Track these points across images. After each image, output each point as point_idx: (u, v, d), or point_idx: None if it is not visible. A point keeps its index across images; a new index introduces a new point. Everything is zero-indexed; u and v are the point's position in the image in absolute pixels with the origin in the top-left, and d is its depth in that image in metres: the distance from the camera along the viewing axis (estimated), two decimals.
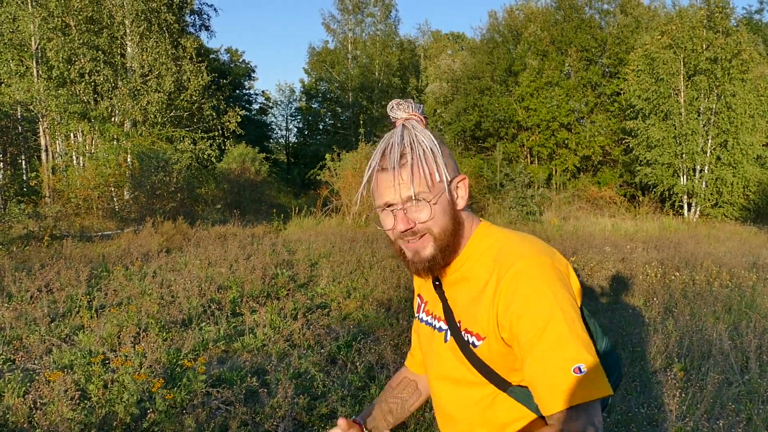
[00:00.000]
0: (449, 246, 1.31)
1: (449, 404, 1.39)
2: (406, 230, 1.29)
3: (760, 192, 21.79)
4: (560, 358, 1.14)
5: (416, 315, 1.54)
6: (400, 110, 1.32)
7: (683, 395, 3.99)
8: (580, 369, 1.14)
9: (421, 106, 1.34)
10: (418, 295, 1.55)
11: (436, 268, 1.33)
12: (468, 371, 1.31)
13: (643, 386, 4.41)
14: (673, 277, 8.25)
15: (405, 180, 1.26)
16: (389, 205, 1.29)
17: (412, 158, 1.27)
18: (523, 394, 1.27)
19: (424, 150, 1.27)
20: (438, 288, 1.40)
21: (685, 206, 21.91)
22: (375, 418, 1.64)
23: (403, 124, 1.31)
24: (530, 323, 1.17)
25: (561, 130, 27.56)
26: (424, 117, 1.33)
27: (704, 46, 20.80)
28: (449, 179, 1.30)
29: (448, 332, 1.35)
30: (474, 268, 1.32)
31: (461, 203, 1.32)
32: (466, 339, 1.30)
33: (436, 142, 1.29)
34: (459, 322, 1.32)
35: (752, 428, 3.68)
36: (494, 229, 1.37)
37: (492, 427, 1.32)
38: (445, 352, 1.36)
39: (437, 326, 1.41)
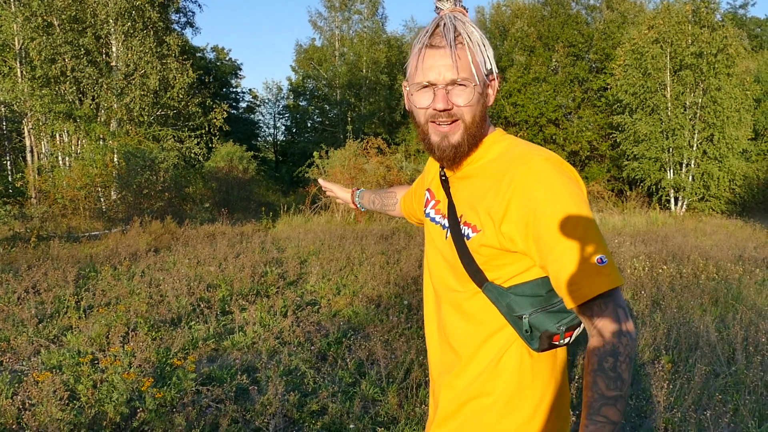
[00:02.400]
0: (475, 136, 1.35)
1: (442, 298, 1.44)
2: (444, 110, 1.31)
3: (745, 186, 22.02)
4: (584, 252, 1.19)
5: (425, 209, 1.57)
6: (447, 2, 1.33)
7: (671, 387, 4.02)
8: (602, 260, 1.19)
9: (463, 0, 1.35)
10: (428, 189, 1.59)
11: (460, 155, 1.36)
12: (458, 266, 1.36)
13: (632, 378, 4.45)
14: (660, 271, 8.31)
15: (458, 60, 1.28)
16: (432, 84, 1.31)
17: (469, 42, 1.29)
18: (496, 292, 1.31)
19: (479, 38, 1.30)
20: (444, 183, 1.45)
21: (672, 200, 22.07)
22: (363, 197, 2.11)
23: (453, 14, 1.31)
24: (550, 220, 1.21)
25: (549, 125, 27.67)
26: (466, 10, 1.35)
27: (690, 40, 20.94)
28: (490, 73, 1.34)
29: (449, 229, 1.40)
30: (485, 167, 1.35)
31: (491, 100, 1.36)
32: (462, 231, 1.35)
33: (484, 37, 1.32)
34: (461, 216, 1.37)
35: (738, 419, 3.72)
36: (508, 135, 1.41)
37: (465, 316, 1.37)
38: (446, 248, 1.41)
39: (442, 223, 1.45)
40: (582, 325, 1.32)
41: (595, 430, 1.14)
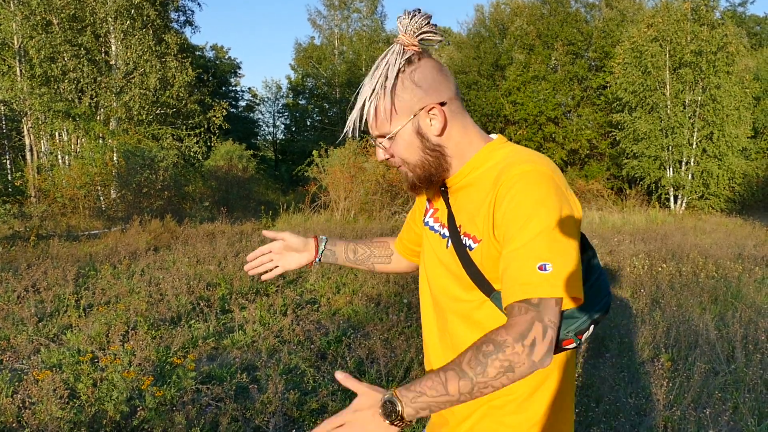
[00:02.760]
0: (430, 173, 1.37)
1: (444, 307, 1.42)
2: (383, 161, 1.39)
3: (745, 184, 22.04)
4: (529, 254, 1.17)
5: (424, 218, 1.57)
6: (400, 26, 1.32)
7: (670, 385, 4.03)
8: (545, 267, 1.16)
9: (421, 17, 1.31)
10: (428, 200, 1.58)
11: (419, 190, 1.41)
12: (462, 276, 1.34)
13: (631, 377, 4.45)
14: (660, 269, 8.31)
15: (369, 119, 1.34)
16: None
17: (372, 100, 1.32)
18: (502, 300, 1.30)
19: (380, 88, 1.30)
20: (444, 194, 1.45)
21: (672, 198, 22.08)
22: (337, 244, 1.77)
23: (387, 52, 1.32)
24: (513, 219, 1.20)
25: (548, 124, 27.68)
26: (424, 31, 1.30)
27: (689, 38, 20.94)
28: (412, 113, 1.31)
29: (450, 239, 1.39)
30: (480, 177, 1.35)
31: (434, 132, 1.33)
32: (464, 242, 1.34)
33: (393, 76, 1.29)
34: (460, 226, 1.36)
35: (738, 416, 3.73)
36: (507, 144, 1.40)
37: (474, 325, 1.35)
38: (447, 258, 1.40)
39: (442, 233, 1.44)
40: (592, 328, 1.31)
41: (431, 382, 1.15)
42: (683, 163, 21.67)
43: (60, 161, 17.04)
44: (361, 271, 7.91)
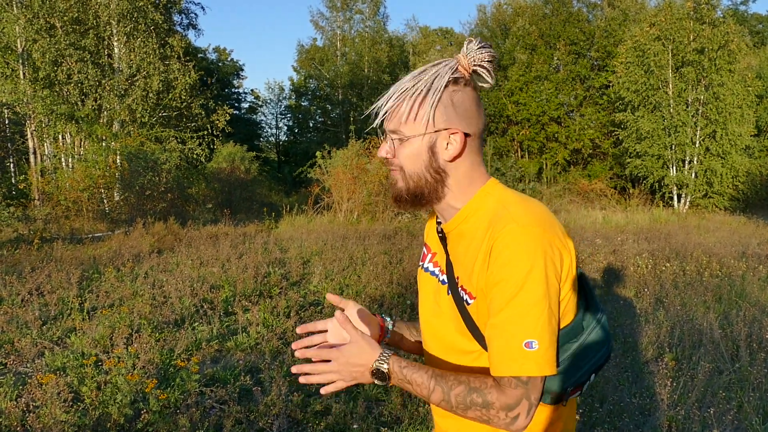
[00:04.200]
0: (422, 193, 1.34)
1: (440, 358, 1.42)
2: (383, 158, 1.36)
3: (749, 182, 21.97)
4: (516, 330, 1.18)
5: (420, 264, 1.54)
6: (464, 48, 1.32)
7: (675, 384, 4.02)
8: (531, 344, 1.18)
9: (488, 52, 1.31)
10: (425, 245, 1.56)
11: (402, 203, 1.37)
12: (461, 325, 1.33)
13: (635, 376, 4.45)
14: (663, 268, 8.29)
15: (392, 112, 1.32)
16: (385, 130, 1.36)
17: (404, 95, 1.30)
18: None
19: (418, 91, 1.29)
20: (442, 240, 1.42)
21: (675, 197, 22.02)
22: (400, 327, 1.70)
23: (442, 60, 1.32)
24: (501, 290, 1.20)
25: (551, 123, 27.65)
26: (482, 65, 1.31)
27: (691, 37, 20.90)
28: (436, 128, 1.30)
29: (449, 289, 1.37)
30: (472, 227, 1.33)
31: (445, 156, 1.31)
32: (461, 296, 1.33)
33: (438, 87, 1.28)
34: (458, 278, 1.34)
35: (743, 415, 3.72)
36: (498, 189, 1.36)
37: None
38: (447, 305, 1.37)
39: (441, 278, 1.42)
40: (592, 377, 1.33)
41: (421, 380, 1.24)
42: (686, 161, 21.62)
43: (63, 164, 17.07)
44: (364, 272, 7.92)
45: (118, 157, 16.04)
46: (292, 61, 61.95)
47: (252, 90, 50.26)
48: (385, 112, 1.32)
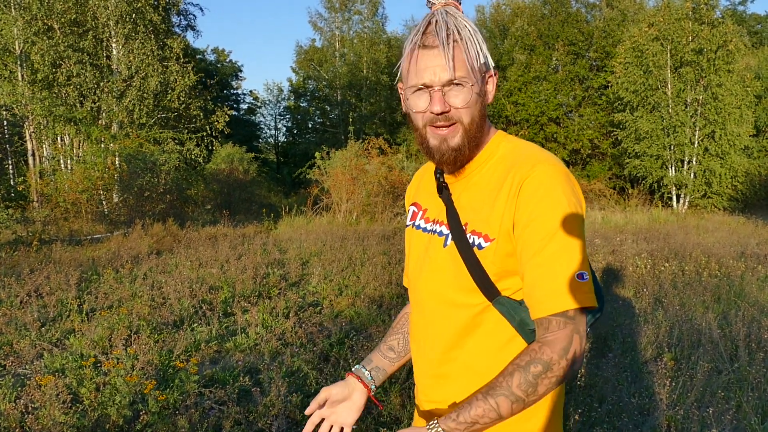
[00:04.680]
0: (475, 138, 1.29)
1: (433, 310, 1.36)
2: (441, 113, 1.25)
3: (747, 182, 21.99)
4: (568, 262, 1.17)
5: (410, 223, 1.49)
6: None
7: (674, 384, 4.02)
8: (583, 276, 1.18)
9: None
10: (413, 204, 1.52)
11: (461, 159, 1.30)
12: (462, 276, 1.28)
13: (634, 376, 4.45)
14: (662, 268, 8.30)
15: (452, 60, 1.22)
16: (427, 86, 1.25)
17: (462, 39, 1.23)
18: (509, 305, 1.26)
19: (471, 34, 1.24)
20: (444, 191, 1.37)
21: (674, 197, 22.05)
22: (372, 360, 1.57)
23: (444, 9, 1.26)
24: (542, 226, 1.18)
25: (550, 124, 27.67)
26: (459, 3, 1.30)
27: (690, 37, 20.92)
28: (485, 70, 1.29)
29: (449, 237, 1.32)
30: (488, 173, 1.30)
31: (490, 97, 1.31)
32: (471, 241, 1.27)
33: (478, 31, 1.26)
34: (465, 224, 1.30)
35: (742, 415, 3.72)
36: (511, 137, 1.36)
37: (472, 331, 1.30)
38: (443, 257, 1.33)
39: (438, 231, 1.37)
40: (589, 331, 1.30)
41: (481, 410, 1.17)
42: (685, 162, 21.64)
43: (62, 166, 17.06)
44: (363, 273, 7.91)
45: (116, 158, 16.04)
46: (290, 62, 61.91)
47: (251, 91, 50.37)
48: (450, 64, 1.23)
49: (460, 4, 1.29)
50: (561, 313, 1.16)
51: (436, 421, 1.18)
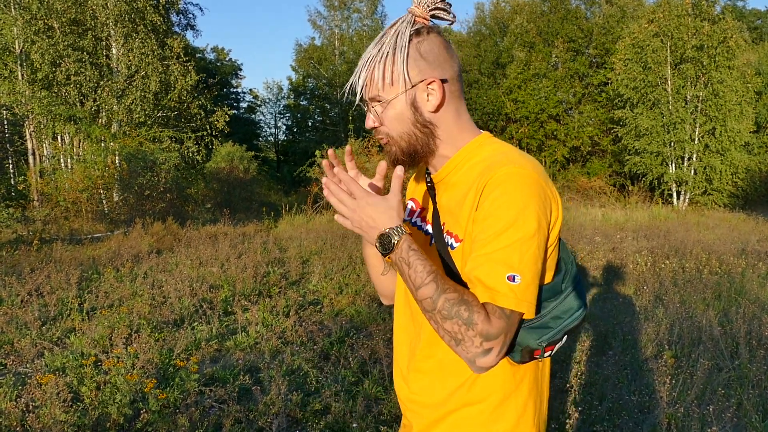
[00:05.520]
0: (415, 150, 1.34)
1: (418, 311, 1.39)
2: (371, 128, 1.35)
3: (748, 179, 21.99)
4: (502, 260, 1.16)
5: (407, 219, 1.53)
6: (417, 7, 1.32)
7: (674, 382, 4.02)
8: (514, 278, 1.16)
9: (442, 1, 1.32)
10: (411, 199, 1.56)
11: (403, 165, 1.35)
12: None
13: (635, 374, 4.45)
14: (663, 265, 8.30)
15: (367, 81, 1.31)
16: (363, 102, 1.35)
17: (373, 62, 1.29)
18: None
19: (383, 53, 1.28)
20: (430, 191, 1.42)
21: (675, 194, 22.04)
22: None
23: (397, 20, 1.31)
24: (491, 224, 1.19)
25: (549, 121, 27.66)
26: (438, 7, 1.31)
27: (690, 34, 20.89)
28: (412, 83, 1.29)
29: (433, 237, 1.37)
30: (464, 175, 1.33)
31: (429, 107, 1.31)
32: (446, 240, 1.33)
33: (403, 44, 1.27)
34: (444, 224, 1.35)
35: (742, 413, 3.72)
36: (494, 140, 1.38)
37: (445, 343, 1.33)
38: (431, 256, 1.36)
39: (425, 229, 1.43)
40: (564, 339, 1.31)
41: (419, 270, 1.19)
42: (685, 158, 21.63)
43: (62, 165, 17.06)
44: (363, 271, 7.91)
45: (116, 157, 16.03)
46: (290, 60, 61.87)
47: (251, 90, 50.29)
48: (362, 86, 1.32)
49: (440, 7, 1.32)
50: (499, 307, 1.15)
51: (404, 230, 1.22)
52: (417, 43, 1.28)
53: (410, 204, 1.56)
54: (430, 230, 1.39)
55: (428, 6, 1.30)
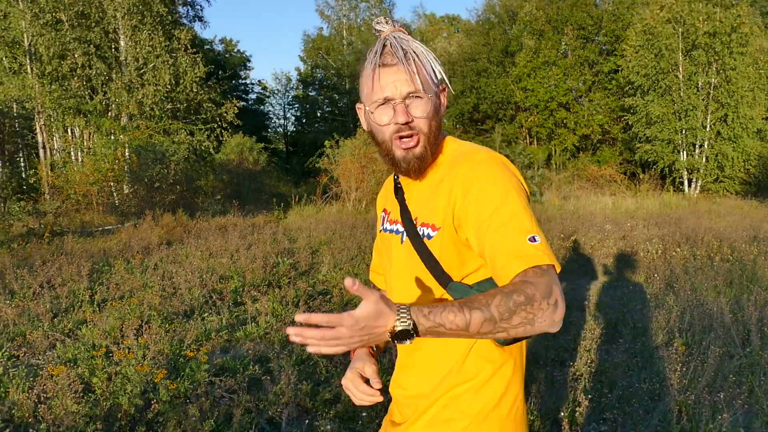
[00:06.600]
0: (434, 145, 1.40)
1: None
2: (405, 123, 1.34)
3: (760, 166, 21.75)
4: (517, 228, 1.22)
5: (380, 227, 1.60)
6: (386, 24, 1.38)
7: (685, 369, 4.00)
8: (534, 239, 1.21)
9: (388, 18, 1.40)
10: (383, 210, 1.62)
11: (425, 165, 1.39)
12: (419, 269, 1.37)
13: (645, 362, 4.43)
14: (674, 253, 8.25)
15: (410, 74, 1.33)
16: (389, 100, 1.35)
17: (417, 55, 1.34)
18: (461, 291, 1.33)
19: (423, 50, 1.35)
20: (399, 192, 1.49)
21: (686, 182, 21.87)
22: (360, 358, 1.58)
23: (393, 35, 1.36)
24: (487, 202, 1.25)
25: (559, 109, 27.47)
26: (407, 28, 1.42)
27: (702, 20, 20.64)
28: (443, 86, 1.41)
29: (405, 233, 1.43)
30: (435, 169, 1.42)
31: (443, 109, 1.42)
32: (421, 233, 1.38)
33: (426, 48, 1.37)
34: (416, 219, 1.41)
35: (754, 399, 3.70)
36: (459, 140, 1.47)
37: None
38: (401, 253, 1.44)
39: (395, 229, 1.48)
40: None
41: (453, 315, 1.12)
42: (697, 146, 21.43)
43: (73, 158, 17.15)
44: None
45: (126, 150, 16.10)
46: (298, 51, 61.82)
47: (259, 81, 50.22)
48: (411, 77, 1.34)
49: (406, 29, 1.41)
50: (534, 267, 1.17)
51: (407, 308, 1.12)
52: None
53: (382, 215, 1.62)
54: (401, 229, 1.45)
55: (393, 24, 1.39)
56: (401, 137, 1.36)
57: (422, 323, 1.12)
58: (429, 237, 1.35)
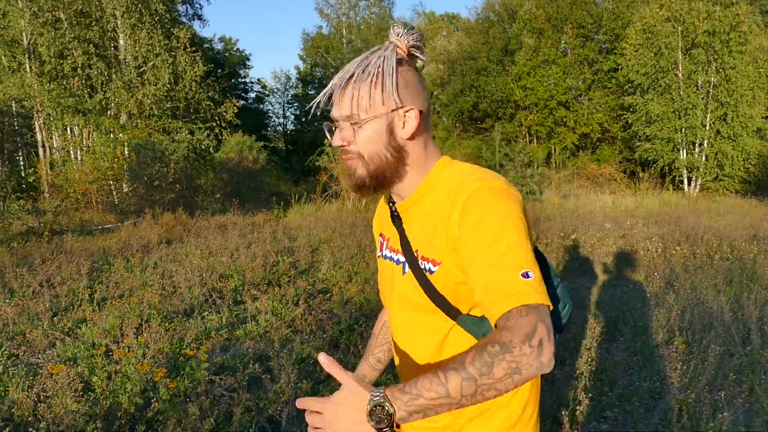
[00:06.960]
0: (384, 174, 1.34)
1: (407, 336, 1.42)
2: (338, 147, 1.35)
3: (760, 164, 21.73)
4: (510, 264, 1.16)
5: (379, 253, 1.55)
6: (393, 33, 1.34)
7: (685, 368, 4.00)
8: (527, 274, 1.15)
9: (417, 34, 1.34)
10: (380, 234, 1.57)
11: (365, 190, 1.36)
12: (424, 300, 1.33)
13: (645, 360, 4.43)
14: (673, 252, 8.25)
15: (342, 99, 1.31)
16: (333, 120, 1.36)
17: (354, 80, 1.30)
18: (471, 323, 1.29)
19: (369, 73, 1.29)
20: (396, 220, 1.43)
21: (686, 181, 21.86)
22: (366, 376, 1.76)
23: (379, 46, 1.33)
24: (483, 236, 1.19)
25: (559, 108, 27.46)
26: (415, 45, 1.33)
27: (702, 18, 20.62)
28: (393, 107, 1.31)
29: (406, 264, 1.38)
30: (432, 200, 1.35)
31: (404, 134, 1.32)
32: (422, 267, 1.33)
33: (390, 68, 1.29)
34: (416, 251, 1.35)
35: (754, 398, 3.70)
36: (454, 162, 1.40)
37: (449, 351, 1.34)
38: (404, 285, 1.38)
39: (395, 259, 1.43)
40: (559, 336, 1.32)
41: (428, 382, 1.06)
42: (697, 144, 21.43)
43: (72, 157, 17.13)
44: (372, 259, 7.91)
45: (125, 148, 16.08)
46: (298, 49, 61.83)
47: (259, 79, 50.19)
48: (341, 103, 1.32)
49: (415, 45, 1.33)
50: (521, 306, 1.12)
51: (381, 388, 1.07)
52: (401, 71, 1.31)
53: (380, 239, 1.57)
54: (402, 259, 1.40)
55: (408, 42, 1.32)
56: (343, 157, 1.37)
57: (398, 397, 1.06)
58: (431, 272, 1.30)
